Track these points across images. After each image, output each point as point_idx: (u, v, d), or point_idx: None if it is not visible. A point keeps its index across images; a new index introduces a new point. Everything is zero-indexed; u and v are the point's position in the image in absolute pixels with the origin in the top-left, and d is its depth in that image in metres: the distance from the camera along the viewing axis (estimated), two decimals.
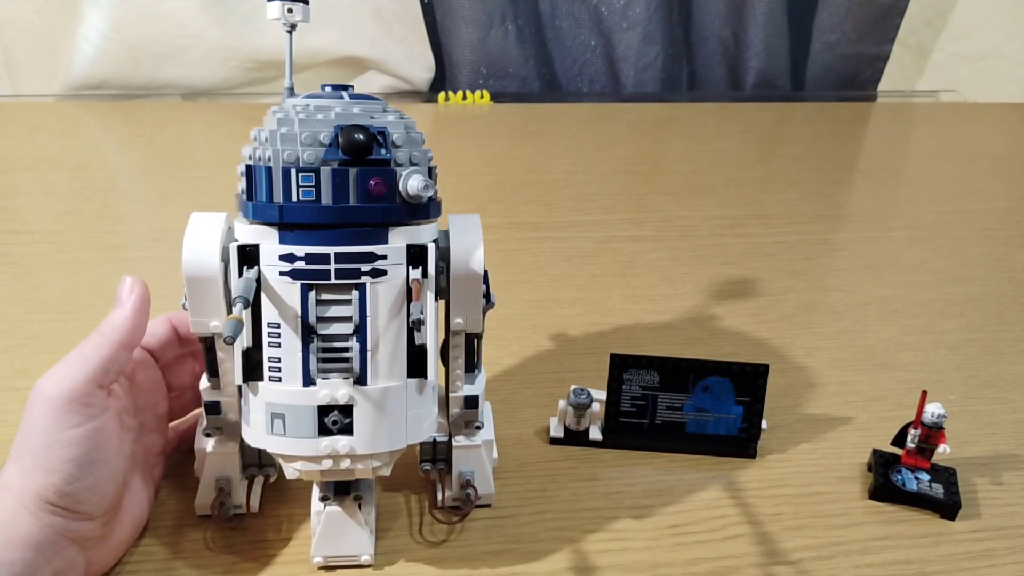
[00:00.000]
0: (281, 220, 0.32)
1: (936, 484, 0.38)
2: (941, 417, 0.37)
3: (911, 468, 0.39)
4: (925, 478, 0.38)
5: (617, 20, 1.36)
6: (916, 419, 0.39)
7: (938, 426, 0.38)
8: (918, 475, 0.39)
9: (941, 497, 0.37)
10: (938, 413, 0.37)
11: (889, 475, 0.38)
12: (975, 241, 0.81)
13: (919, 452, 0.41)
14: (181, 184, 0.91)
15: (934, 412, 0.37)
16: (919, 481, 0.38)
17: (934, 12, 1.48)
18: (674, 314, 0.63)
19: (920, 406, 0.39)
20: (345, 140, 0.31)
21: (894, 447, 0.40)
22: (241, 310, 0.30)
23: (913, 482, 0.38)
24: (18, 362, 0.54)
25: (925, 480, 0.38)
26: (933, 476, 0.38)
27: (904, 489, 0.37)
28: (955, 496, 0.37)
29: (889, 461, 0.39)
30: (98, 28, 1.21)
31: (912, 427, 0.39)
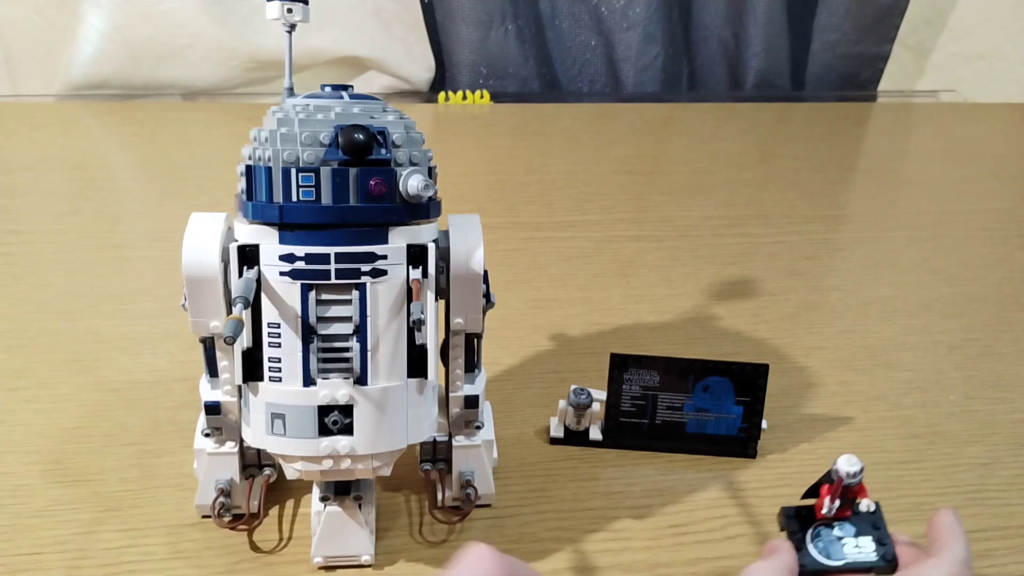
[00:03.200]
0: (281, 220, 0.32)
1: (863, 538, 0.32)
2: (857, 474, 0.31)
3: (827, 524, 0.33)
4: (850, 532, 0.32)
5: (617, 20, 1.36)
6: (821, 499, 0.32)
7: (855, 484, 0.32)
8: (839, 529, 0.32)
9: (875, 560, 0.31)
10: (852, 471, 0.31)
11: (808, 544, 0.32)
12: (975, 241, 0.81)
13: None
14: (181, 184, 0.91)
15: (848, 471, 0.31)
16: (843, 542, 0.32)
17: (934, 12, 1.48)
18: (674, 314, 0.63)
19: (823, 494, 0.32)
20: (345, 140, 0.31)
21: (806, 500, 0.33)
22: (241, 310, 0.30)
23: (837, 546, 0.32)
24: (18, 362, 0.54)
25: (851, 536, 0.32)
26: (858, 527, 0.32)
27: (830, 563, 0.31)
28: (888, 550, 0.31)
29: (804, 516, 0.33)
30: (98, 28, 1.20)
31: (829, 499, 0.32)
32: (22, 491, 0.42)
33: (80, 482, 0.42)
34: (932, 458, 0.47)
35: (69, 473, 0.43)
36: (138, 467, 0.44)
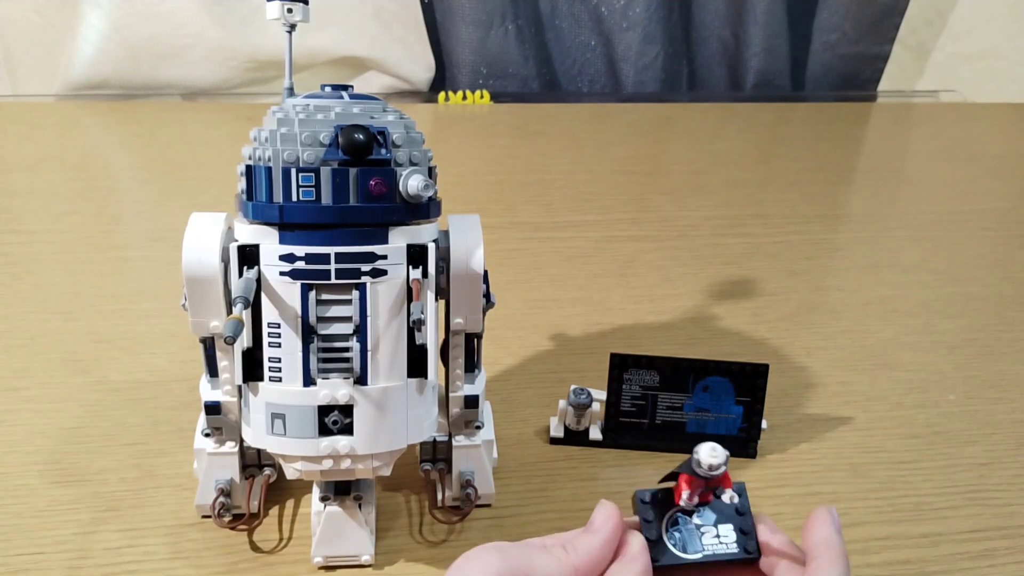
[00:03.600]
0: (281, 220, 0.32)
1: (725, 526, 0.29)
2: (720, 467, 0.28)
3: (686, 511, 0.29)
4: (710, 519, 0.29)
5: (617, 20, 1.36)
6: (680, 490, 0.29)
7: (717, 476, 0.29)
8: (699, 516, 0.29)
9: (735, 552, 0.28)
10: (714, 464, 0.27)
11: (663, 534, 0.29)
12: (975, 241, 0.81)
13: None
14: (181, 184, 0.91)
15: (710, 464, 0.27)
16: (702, 530, 0.29)
17: (934, 12, 1.48)
18: (674, 314, 0.63)
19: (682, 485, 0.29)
20: (345, 140, 0.31)
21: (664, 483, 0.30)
22: (241, 310, 0.30)
23: (695, 536, 0.29)
24: (18, 362, 0.54)
25: (711, 524, 0.29)
26: (719, 513, 0.29)
27: (686, 555, 0.28)
28: (750, 542, 0.28)
29: (661, 501, 0.29)
30: (98, 28, 1.21)
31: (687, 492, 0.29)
32: (22, 491, 0.42)
33: (80, 482, 0.42)
34: (932, 458, 0.47)
35: (69, 473, 0.43)
36: (138, 467, 0.44)
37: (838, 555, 0.27)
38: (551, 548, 0.27)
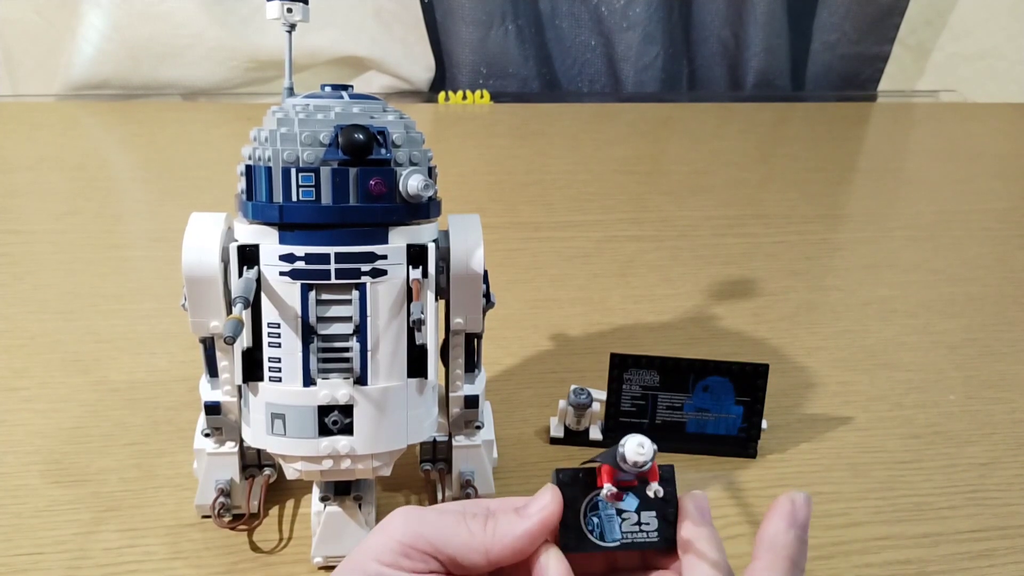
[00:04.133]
0: (281, 220, 0.32)
1: (647, 513, 0.26)
2: (646, 464, 0.25)
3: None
4: (633, 505, 0.26)
5: (617, 20, 1.36)
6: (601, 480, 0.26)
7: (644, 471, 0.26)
8: (623, 501, 0.27)
9: (655, 541, 0.26)
10: (640, 462, 0.25)
11: (581, 520, 0.26)
12: (975, 241, 0.81)
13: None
14: (181, 184, 0.91)
15: (635, 462, 0.25)
16: (623, 516, 0.26)
17: (934, 12, 1.48)
18: (674, 314, 0.63)
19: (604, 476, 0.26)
20: (345, 140, 0.31)
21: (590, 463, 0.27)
22: (241, 310, 0.30)
23: (615, 523, 0.26)
24: (18, 362, 0.54)
25: (632, 510, 0.26)
26: (644, 499, 0.26)
27: (602, 543, 0.26)
28: (673, 531, 0.26)
29: (582, 483, 0.26)
30: (98, 28, 1.21)
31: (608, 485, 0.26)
32: (22, 491, 0.42)
33: (80, 482, 0.42)
34: (932, 458, 0.47)
35: (69, 473, 0.43)
36: (138, 467, 0.44)
37: (780, 558, 0.23)
38: (471, 519, 0.25)
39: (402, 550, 0.24)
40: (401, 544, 0.24)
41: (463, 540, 0.24)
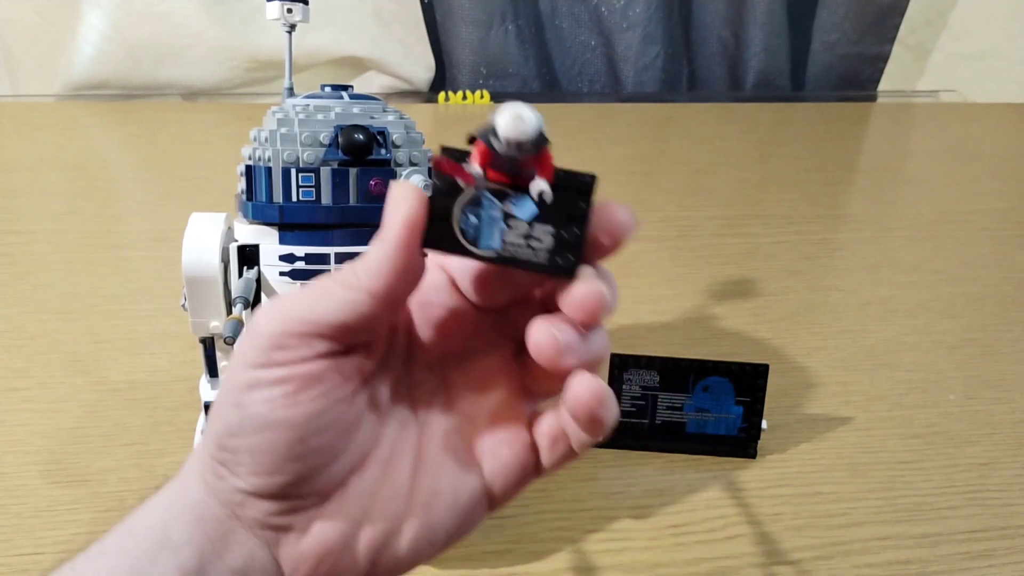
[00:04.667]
0: (281, 220, 0.32)
1: (542, 227, 0.20)
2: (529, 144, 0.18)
3: (499, 192, 0.20)
4: (526, 213, 0.20)
5: (617, 20, 1.36)
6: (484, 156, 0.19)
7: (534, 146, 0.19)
8: (514, 204, 0.20)
9: (542, 261, 0.20)
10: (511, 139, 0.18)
11: (456, 213, 0.20)
12: (975, 241, 0.81)
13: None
14: (181, 184, 0.91)
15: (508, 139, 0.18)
16: (509, 224, 0.20)
17: (934, 12, 1.48)
18: (674, 314, 0.63)
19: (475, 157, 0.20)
20: (345, 140, 0.31)
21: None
22: (241, 310, 0.30)
23: (496, 229, 0.19)
24: (18, 362, 0.54)
25: (523, 220, 0.20)
26: (543, 209, 0.20)
27: (473, 248, 0.20)
28: (572, 260, 0.20)
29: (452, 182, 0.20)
30: (98, 28, 1.21)
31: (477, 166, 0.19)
32: (22, 491, 0.42)
33: (80, 482, 0.42)
34: (932, 458, 0.47)
35: (69, 473, 0.43)
36: (138, 467, 0.44)
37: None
38: (338, 274, 0.21)
39: (273, 342, 0.20)
40: (270, 336, 0.20)
41: (339, 296, 0.20)
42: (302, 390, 0.20)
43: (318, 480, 0.21)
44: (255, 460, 0.20)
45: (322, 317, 0.20)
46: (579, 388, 0.20)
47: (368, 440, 0.22)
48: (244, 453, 0.20)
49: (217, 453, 0.21)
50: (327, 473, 0.21)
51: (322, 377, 0.20)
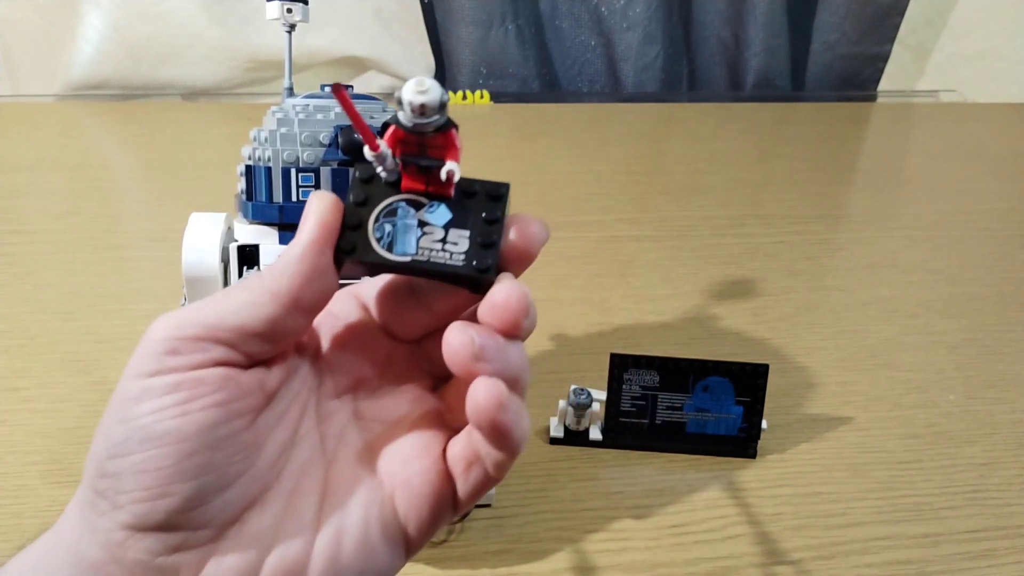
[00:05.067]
0: (281, 220, 0.32)
1: (458, 231, 0.20)
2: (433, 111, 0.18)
3: (416, 203, 0.20)
4: (441, 219, 0.20)
5: (617, 20, 1.36)
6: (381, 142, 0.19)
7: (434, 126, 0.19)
8: (429, 212, 0.20)
9: (458, 265, 0.19)
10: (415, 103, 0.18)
11: (369, 223, 0.20)
12: (975, 241, 0.81)
13: (420, 171, 0.20)
14: (181, 184, 0.91)
15: (411, 103, 0.18)
16: (425, 231, 0.20)
17: (934, 12, 1.48)
18: (674, 314, 0.63)
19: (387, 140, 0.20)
20: (345, 140, 0.31)
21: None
22: None
23: (411, 236, 0.20)
24: (18, 362, 0.54)
25: (439, 225, 0.20)
26: (457, 214, 0.20)
27: (387, 256, 0.19)
28: (487, 259, 0.20)
29: (384, 183, 0.20)
30: (98, 28, 1.21)
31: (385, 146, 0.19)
32: (22, 492, 0.42)
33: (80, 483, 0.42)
34: (932, 458, 0.47)
35: (69, 474, 0.43)
36: None
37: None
38: (245, 280, 0.20)
39: (166, 347, 0.18)
40: (163, 341, 0.19)
41: (239, 298, 0.19)
42: (195, 399, 0.18)
43: (210, 508, 0.19)
44: (139, 482, 0.18)
45: (220, 320, 0.19)
46: (477, 392, 0.18)
47: (268, 470, 0.20)
48: (127, 476, 0.18)
49: (98, 482, 0.19)
50: (221, 500, 0.19)
51: (218, 386, 0.19)
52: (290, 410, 0.21)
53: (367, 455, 0.21)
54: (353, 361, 0.22)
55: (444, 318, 0.21)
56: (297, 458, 0.21)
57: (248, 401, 0.19)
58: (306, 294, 0.19)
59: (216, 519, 0.19)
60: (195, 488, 0.18)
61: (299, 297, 0.19)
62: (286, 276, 0.19)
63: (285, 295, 0.19)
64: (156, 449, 0.18)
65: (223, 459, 0.19)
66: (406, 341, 0.22)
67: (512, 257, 0.21)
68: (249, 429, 0.19)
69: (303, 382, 0.21)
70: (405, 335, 0.22)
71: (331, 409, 0.22)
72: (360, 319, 0.22)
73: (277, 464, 0.20)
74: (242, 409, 0.19)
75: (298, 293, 0.19)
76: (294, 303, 0.19)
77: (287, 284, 0.19)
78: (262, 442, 0.20)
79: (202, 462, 0.18)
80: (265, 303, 0.19)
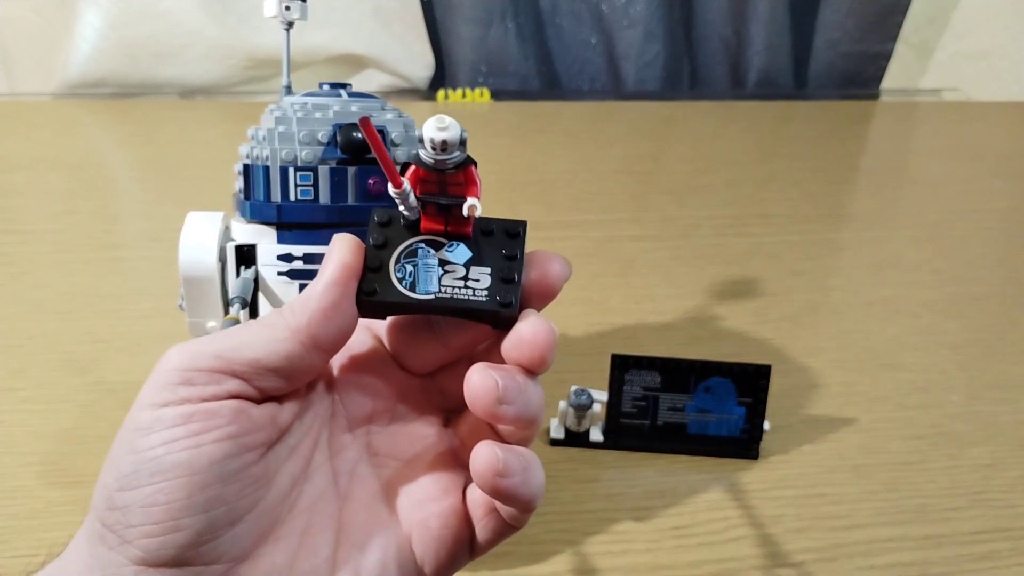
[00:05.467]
0: (279, 220, 0.31)
1: (479, 268, 0.20)
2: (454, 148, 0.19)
3: (434, 243, 0.20)
4: (462, 257, 0.20)
5: (618, 17, 1.36)
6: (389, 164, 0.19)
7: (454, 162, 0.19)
8: (449, 252, 0.20)
9: (482, 301, 0.20)
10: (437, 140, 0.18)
11: (391, 266, 0.20)
12: (978, 241, 0.81)
13: (439, 211, 0.20)
14: (178, 183, 0.90)
15: (432, 139, 0.18)
16: (446, 270, 0.20)
17: (937, 10, 1.48)
18: (675, 314, 0.63)
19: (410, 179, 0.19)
20: (343, 139, 0.30)
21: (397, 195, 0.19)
22: (239, 310, 0.30)
23: (432, 275, 0.20)
24: (15, 362, 0.53)
25: (459, 263, 0.20)
26: (476, 252, 0.20)
27: (411, 296, 0.20)
28: (511, 293, 0.20)
29: (402, 225, 0.21)
30: (95, 26, 1.20)
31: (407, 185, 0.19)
32: (19, 493, 0.41)
33: (77, 484, 0.42)
34: (935, 459, 0.47)
35: (66, 475, 0.43)
36: None
37: None
38: (265, 317, 0.20)
39: (180, 378, 0.18)
40: (177, 371, 0.18)
41: (263, 336, 0.19)
42: (207, 431, 0.18)
43: (222, 542, 0.18)
44: (149, 515, 0.18)
45: (237, 353, 0.19)
46: (476, 460, 0.19)
47: (280, 503, 0.20)
48: (136, 509, 0.18)
49: (106, 515, 0.18)
50: (232, 534, 0.18)
51: (231, 418, 0.18)
52: (302, 443, 0.21)
53: (383, 495, 0.21)
54: (366, 394, 0.22)
55: (458, 352, 0.22)
56: (310, 492, 0.21)
57: (260, 435, 0.19)
58: (325, 332, 0.19)
59: (227, 554, 0.19)
60: (205, 522, 0.18)
61: (317, 335, 0.19)
62: (305, 313, 0.19)
63: (304, 332, 0.19)
64: (166, 482, 0.18)
65: (234, 492, 0.19)
66: (419, 374, 0.22)
67: (535, 293, 0.21)
68: (260, 462, 0.19)
69: (316, 415, 0.21)
70: (418, 368, 0.22)
71: (344, 443, 0.22)
72: (374, 351, 0.22)
73: (289, 498, 0.20)
74: (254, 443, 0.19)
75: (316, 331, 0.19)
76: (312, 341, 0.19)
77: (306, 321, 0.19)
78: (273, 475, 0.20)
79: (213, 496, 0.18)
80: (283, 339, 0.19)
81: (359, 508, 0.21)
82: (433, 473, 0.21)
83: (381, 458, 0.22)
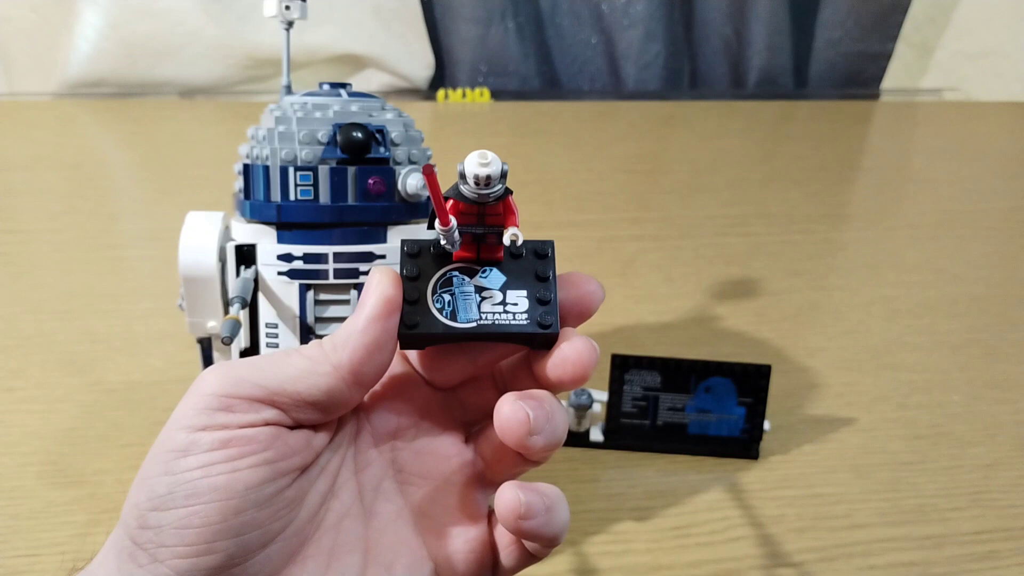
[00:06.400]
0: (279, 219, 0.31)
1: (516, 292, 0.20)
2: (496, 183, 0.19)
3: (467, 270, 0.21)
4: (497, 283, 0.20)
5: (618, 17, 1.36)
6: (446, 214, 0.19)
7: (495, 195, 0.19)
8: (483, 278, 0.20)
9: (523, 324, 0.20)
10: (480, 175, 0.18)
11: (428, 298, 0.20)
12: (979, 240, 0.81)
13: (473, 239, 0.21)
14: (178, 183, 0.90)
15: (476, 175, 0.19)
16: (484, 296, 0.20)
17: (937, 10, 1.48)
18: (676, 314, 0.63)
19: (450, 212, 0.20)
20: (343, 138, 0.30)
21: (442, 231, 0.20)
22: (239, 310, 0.30)
23: (471, 303, 0.20)
24: (14, 362, 0.53)
25: (495, 288, 0.20)
26: (510, 276, 0.20)
27: (455, 326, 0.20)
28: (549, 314, 0.20)
29: (433, 255, 0.21)
30: (95, 26, 1.20)
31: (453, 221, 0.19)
32: (18, 493, 0.41)
33: (76, 484, 0.42)
34: (936, 459, 0.47)
35: (65, 475, 0.43)
36: (135, 469, 0.43)
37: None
38: (304, 348, 0.20)
39: (219, 404, 0.18)
40: (217, 397, 0.19)
41: (302, 366, 0.19)
42: (244, 456, 0.18)
43: (253, 564, 0.18)
44: (182, 537, 0.18)
45: (278, 384, 0.19)
46: (500, 501, 0.19)
47: (309, 522, 0.20)
48: (169, 530, 0.18)
49: (138, 534, 0.18)
50: (263, 556, 0.19)
51: (267, 444, 0.18)
52: (331, 461, 0.21)
53: (409, 516, 0.21)
54: (392, 410, 0.22)
55: (486, 368, 0.22)
56: (336, 509, 0.21)
57: (295, 460, 0.19)
58: (366, 368, 0.20)
59: (258, 575, 0.19)
60: (238, 545, 0.18)
61: (359, 371, 0.19)
62: (348, 350, 0.19)
63: (346, 368, 0.19)
64: (202, 505, 0.18)
65: (268, 516, 0.19)
66: (443, 389, 0.22)
67: (572, 314, 0.21)
68: (293, 485, 0.19)
69: (344, 432, 0.21)
70: (444, 384, 0.22)
71: (370, 459, 0.22)
72: (400, 367, 0.22)
73: (317, 516, 0.20)
74: (289, 467, 0.19)
75: (359, 367, 0.19)
76: (354, 378, 0.19)
77: (348, 358, 0.19)
78: (304, 496, 0.20)
79: (247, 520, 0.18)
80: (325, 374, 0.19)
81: (384, 527, 0.21)
82: (459, 498, 0.21)
83: (406, 475, 0.22)
